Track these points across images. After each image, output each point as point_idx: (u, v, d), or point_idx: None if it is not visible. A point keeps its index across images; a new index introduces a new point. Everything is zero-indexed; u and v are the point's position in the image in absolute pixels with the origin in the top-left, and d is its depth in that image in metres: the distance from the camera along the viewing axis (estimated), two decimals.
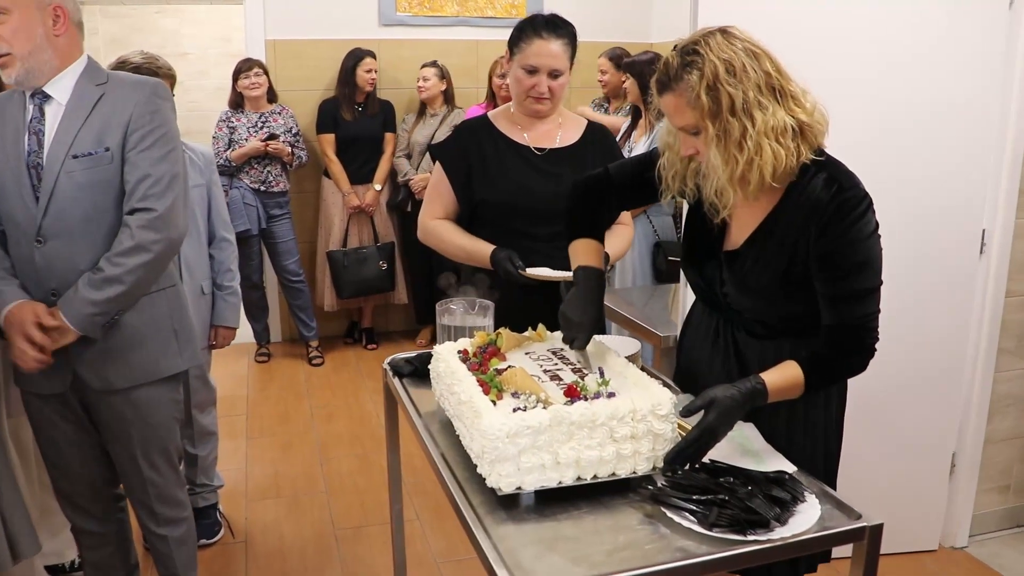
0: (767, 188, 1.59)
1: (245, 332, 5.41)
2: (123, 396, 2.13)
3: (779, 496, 1.43)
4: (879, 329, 1.64)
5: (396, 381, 2.09)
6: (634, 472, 1.51)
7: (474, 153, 2.33)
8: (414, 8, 5.38)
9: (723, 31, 1.58)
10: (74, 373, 2.08)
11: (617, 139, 3.51)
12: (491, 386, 1.57)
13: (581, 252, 1.88)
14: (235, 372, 5.11)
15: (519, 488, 1.45)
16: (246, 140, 4.81)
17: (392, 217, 5.33)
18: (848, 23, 2.54)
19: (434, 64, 5.13)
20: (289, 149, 4.88)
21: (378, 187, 5.17)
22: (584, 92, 5.21)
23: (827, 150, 1.65)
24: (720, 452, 1.58)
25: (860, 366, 1.65)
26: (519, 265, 2.14)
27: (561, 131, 2.38)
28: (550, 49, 2.21)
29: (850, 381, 1.79)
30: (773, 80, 1.55)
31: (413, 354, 2.19)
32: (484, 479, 1.48)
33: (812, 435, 1.80)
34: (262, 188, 4.89)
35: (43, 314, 1.97)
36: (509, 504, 1.49)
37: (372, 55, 5.06)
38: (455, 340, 1.93)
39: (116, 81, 2.09)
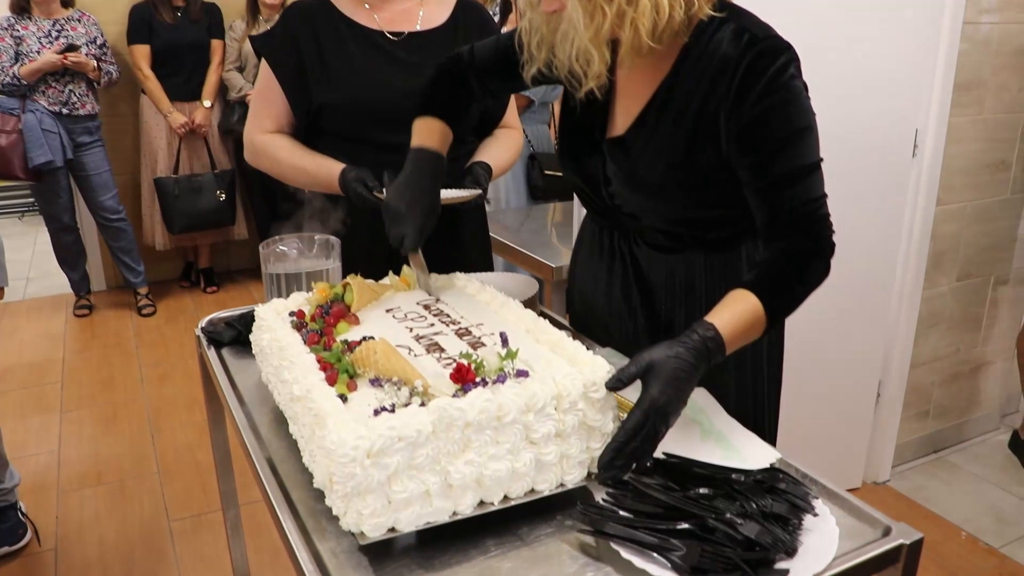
0: (647, 51, 1.16)
1: (61, 282, 4.64)
2: None
3: (778, 512, 0.97)
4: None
5: (212, 353, 1.52)
6: (562, 485, 1.02)
7: (308, 43, 1.74)
8: None
9: None
10: None
11: None
12: (339, 370, 1.04)
13: (418, 132, 1.46)
14: (49, 330, 4.35)
15: (392, 530, 0.94)
16: (38, 53, 4.00)
17: (227, 142, 4.62)
18: None
19: None
20: (94, 63, 4.09)
21: (207, 103, 4.44)
22: None
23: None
24: (671, 438, 1.11)
25: (823, 269, 1.22)
26: (374, 186, 1.59)
27: (424, 10, 1.81)
28: None
29: None
30: None
31: (237, 312, 1.63)
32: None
33: (741, 371, 1.41)
34: (65, 111, 4.10)
35: None
36: (378, 551, 0.97)
37: None
38: (287, 296, 1.38)
39: None
